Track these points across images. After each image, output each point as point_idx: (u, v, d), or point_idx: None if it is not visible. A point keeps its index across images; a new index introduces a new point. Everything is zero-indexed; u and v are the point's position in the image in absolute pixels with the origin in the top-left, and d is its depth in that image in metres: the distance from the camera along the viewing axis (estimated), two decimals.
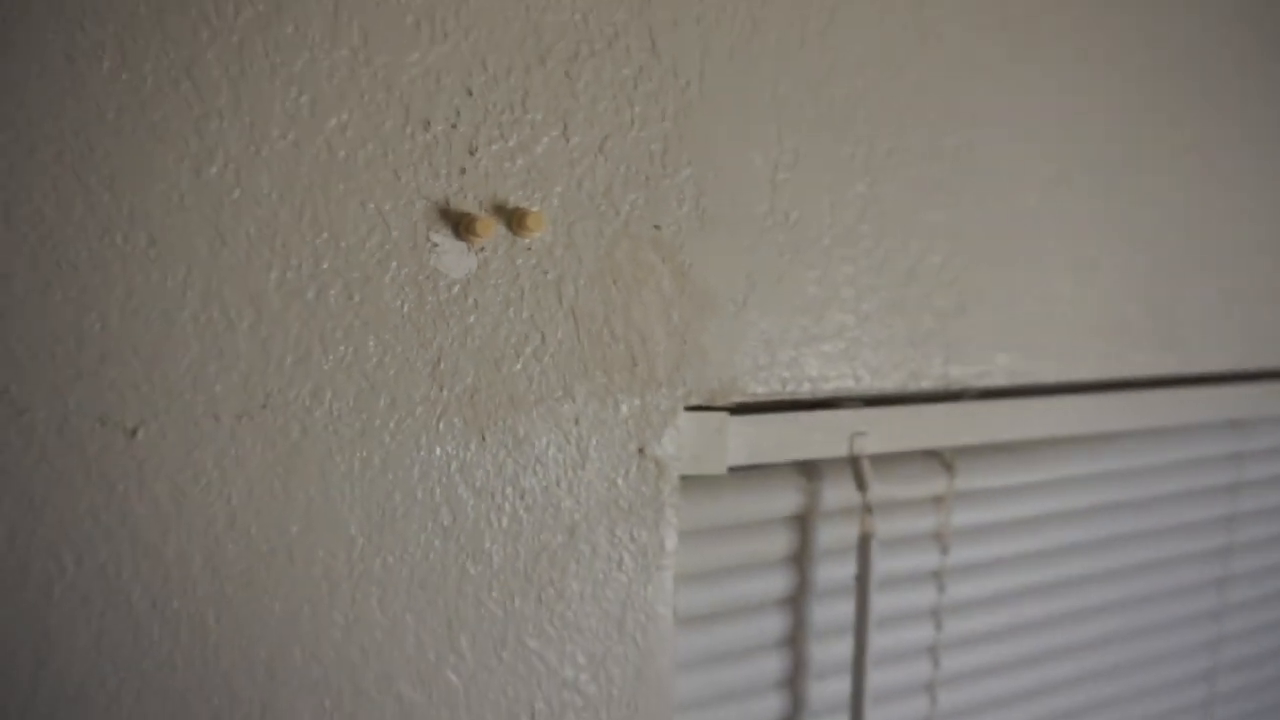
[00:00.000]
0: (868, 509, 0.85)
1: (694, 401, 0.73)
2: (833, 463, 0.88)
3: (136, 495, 0.56)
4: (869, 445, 0.85)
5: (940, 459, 0.94)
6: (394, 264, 0.62)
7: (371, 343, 0.62)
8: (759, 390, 0.76)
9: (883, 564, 0.91)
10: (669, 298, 0.71)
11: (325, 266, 0.60)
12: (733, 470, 0.80)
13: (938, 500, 0.94)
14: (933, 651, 0.97)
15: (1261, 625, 1.24)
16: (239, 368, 0.58)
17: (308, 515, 0.61)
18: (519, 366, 0.67)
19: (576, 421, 0.69)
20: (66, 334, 0.54)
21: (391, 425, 0.63)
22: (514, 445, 0.67)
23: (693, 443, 0.74)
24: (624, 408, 0.71)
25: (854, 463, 0.85)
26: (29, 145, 0.52)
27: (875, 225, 0.80)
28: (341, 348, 0.61)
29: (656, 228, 0.71)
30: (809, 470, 0.87)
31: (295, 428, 0.60)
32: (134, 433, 0.56)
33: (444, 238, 0.64)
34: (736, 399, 0.75)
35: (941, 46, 0.82)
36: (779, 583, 0.87)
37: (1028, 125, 0.88)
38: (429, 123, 0.63)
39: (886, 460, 0.91)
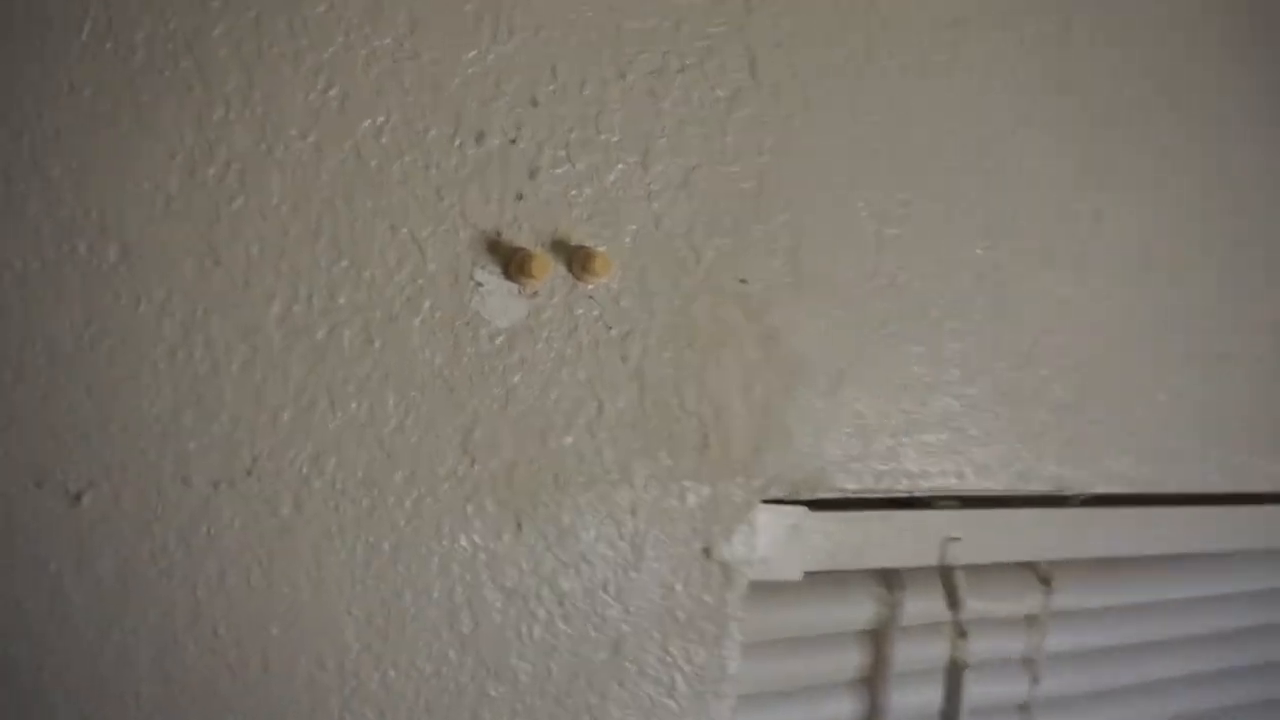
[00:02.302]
0: (961, 631, 0.72)
1: (773, 494, 0.60)
2: (915, 571, 0.74)
3: (73, 578, 0.44)
4: (963, 554, 0.72)
5: (1036, 572, 0.81)
6: (427, 304, 0.50)
7: (391, 400, 0.50)
8: (849, 485, 0.63)
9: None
10: (752, 366, 0.59)
11: (342, 301, 0.48)
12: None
13: (1030, 620, 0.81)
14: None
15: None
16: (221, 420, 0.46)
17: (293, 612, 0.49)
18: (569, 440, 0.54)
19: (633, 511, 0.56)
20: (1, 366, 0.42)
21: (408, 505, 0.50)
22: (556, 538, 0.54)
23: (766, 543, 0.61)
24: (691, 497, 0.58)
25: (945, 574, 0.72)
26: None
27: (991, 296, 0.68)
28: (354, 404, 0.49)
29: (743, 281, 0.59)
30: (889, 578, 0.73)
31: (287, 501, 0.48)
32: (78, 498, 0.44)
33: (490, 276, 0.52)
34: (823, 494, 0.62)
35: (1081, 95, 0.71)
36: (846, 708, 0.73)
37: (1168, 191, 0.76)
38: (483, 135, 0.51)
39: (974, 570, 0.78)
